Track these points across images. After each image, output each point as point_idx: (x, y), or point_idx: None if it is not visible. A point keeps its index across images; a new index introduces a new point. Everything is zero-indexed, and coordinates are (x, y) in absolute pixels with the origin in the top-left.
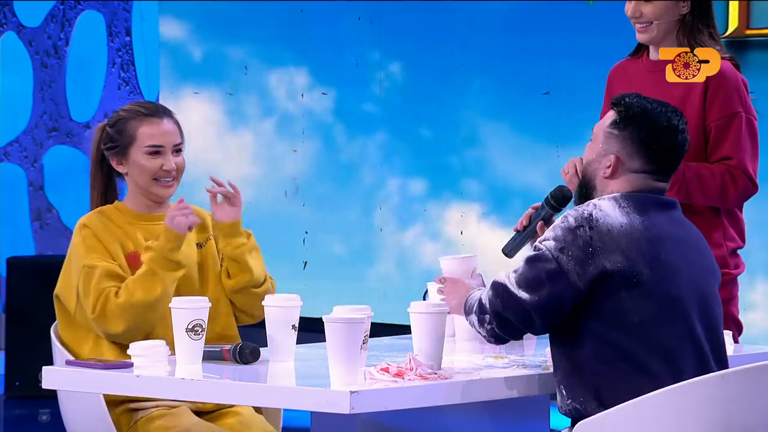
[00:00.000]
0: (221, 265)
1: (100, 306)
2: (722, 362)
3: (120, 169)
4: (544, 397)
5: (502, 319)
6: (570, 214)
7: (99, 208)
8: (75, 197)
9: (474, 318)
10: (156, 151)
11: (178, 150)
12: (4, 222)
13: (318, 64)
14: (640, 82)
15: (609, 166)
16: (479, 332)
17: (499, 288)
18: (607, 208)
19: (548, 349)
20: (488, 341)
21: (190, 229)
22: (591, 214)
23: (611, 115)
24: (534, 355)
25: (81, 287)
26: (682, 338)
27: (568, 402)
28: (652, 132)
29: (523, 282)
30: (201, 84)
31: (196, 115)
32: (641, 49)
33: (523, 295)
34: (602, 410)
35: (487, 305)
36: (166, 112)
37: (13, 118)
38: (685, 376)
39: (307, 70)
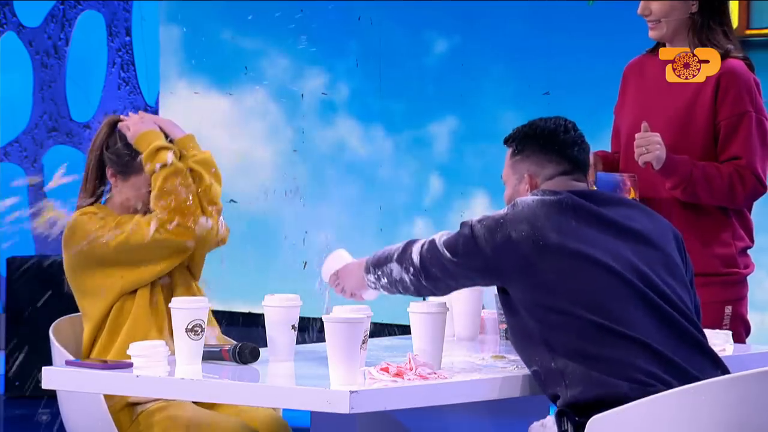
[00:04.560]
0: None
1: (154, 218)
2: (690, 321)
3: (111, 180)
4: (543, 397)
5: (428, 272)
6: None
7: (81, 210)
8: (75, 197)
9: (395, 266)
10: None
11: None
12: (4, 222)
13: (318, 65)
14: (655, 78)
15: (527, 188)
16: (401, 278)
17: (430, 245)
18: (527, 197)
19: None
20: (404, 290)
21: None
22: (516, 201)
23: (508, 152)
24: None
25: (128, 238)
26: (603, 280)
27: (529, 369)
28: (546, 135)
29: (446, 244)
30: (201, 84)
31: (195, 115)
32: (659, 45)
33: (446, 254)
34: (556, 356)
35: (417, 258)
36: None
37: (13, 118)
38: (618, 312)
39: (307, 70)
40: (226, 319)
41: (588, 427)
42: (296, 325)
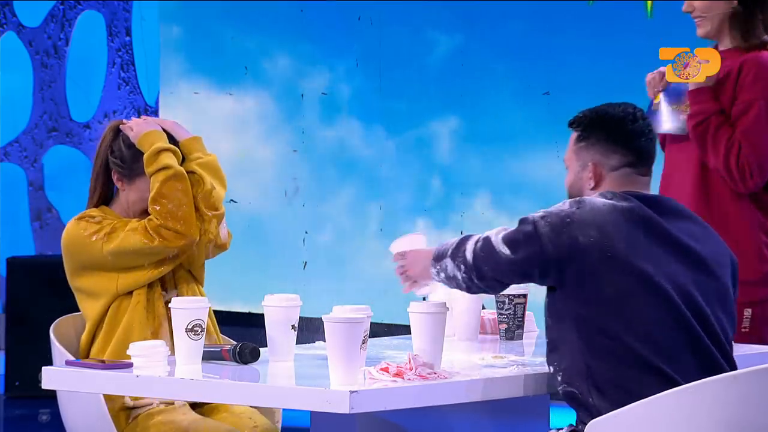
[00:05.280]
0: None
1: (150, 222)
2: (728, 358)
3: (118, 184)
4: (543, 397)
5: (481, 271)
6: (567, 200)
7: (79, 215)
8: (75, 197)
9: (449, 262)
10: None
11: None
12: (4, 222)
13: (318, 65)
14: None
15: (591, 177)
16: (454, 275)
17: (485, 242)
18: (596, 197)
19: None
20: (458, 287)
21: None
22: (582, 199)
23: (573, 136)
24: (534, 355)
25: (121, 243)
26: (660, 312)
27: (563, 386)
28: (614, 124)
29: (505, 240)
30: (201, 84)
31: (195, 115)
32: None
33: (503, 251)
34: (593, 390)
35: (471, 255)
36: None
37: (13, 118)
38: (667, 351)
39: (306, 70)
40: (225, 319)
41: (588, 428)
42: (296, 325)
